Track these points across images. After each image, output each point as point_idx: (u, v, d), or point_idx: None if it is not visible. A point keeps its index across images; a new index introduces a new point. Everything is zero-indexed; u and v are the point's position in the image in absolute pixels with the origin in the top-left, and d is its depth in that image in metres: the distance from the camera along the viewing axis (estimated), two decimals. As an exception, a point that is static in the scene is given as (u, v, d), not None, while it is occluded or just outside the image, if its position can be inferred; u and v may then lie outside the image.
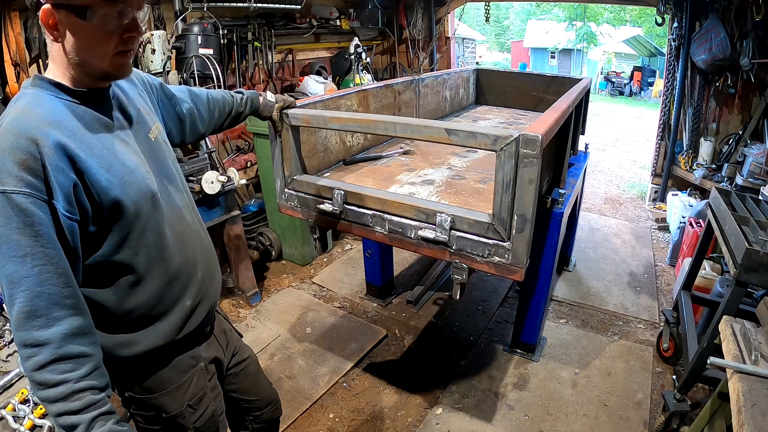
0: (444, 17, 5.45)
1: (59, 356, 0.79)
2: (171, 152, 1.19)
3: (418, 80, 2.96)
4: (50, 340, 0.79)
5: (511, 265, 1.51)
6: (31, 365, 0.79)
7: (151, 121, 1.13)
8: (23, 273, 0.78)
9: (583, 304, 3.22)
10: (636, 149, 8.07)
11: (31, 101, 0.86)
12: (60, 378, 0.79)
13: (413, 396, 2.43)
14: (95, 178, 0.87)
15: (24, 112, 0.83)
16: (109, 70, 0.92)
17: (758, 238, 1.84)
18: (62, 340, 0.80)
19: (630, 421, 2.24)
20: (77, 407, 0.80)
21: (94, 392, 0.82)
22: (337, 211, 1.80)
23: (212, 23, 3.21)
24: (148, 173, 1.02)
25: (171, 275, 1.06)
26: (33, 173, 0.79)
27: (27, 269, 0.78)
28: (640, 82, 16.41)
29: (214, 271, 1.25)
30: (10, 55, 2.42)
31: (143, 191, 0.97)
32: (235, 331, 1.46)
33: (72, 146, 0.84)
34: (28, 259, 0.78)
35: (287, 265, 3.78)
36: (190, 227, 1.16)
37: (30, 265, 0.78)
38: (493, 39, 29.99)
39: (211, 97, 1.44)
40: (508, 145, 1.37)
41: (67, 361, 0.80)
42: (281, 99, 1.71)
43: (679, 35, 4.18)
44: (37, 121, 0.82)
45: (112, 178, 0.90)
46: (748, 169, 3.59)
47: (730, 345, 1.44)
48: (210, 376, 1.23)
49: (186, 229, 1.13)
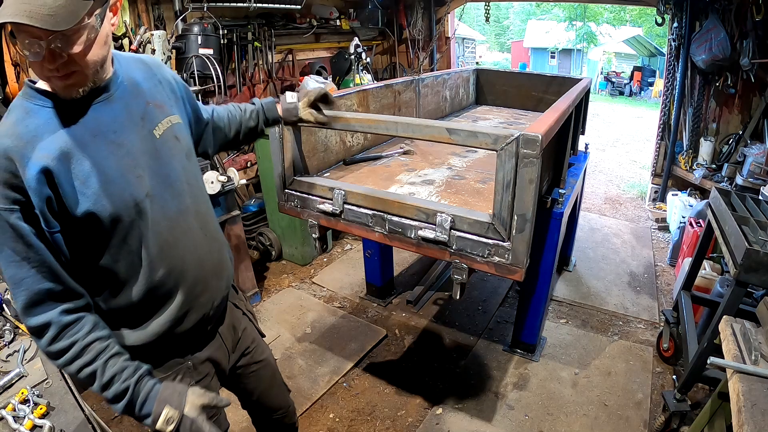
0: (444, 17, 5.45)
1: (62, 327, 0.93)
2: (182, 149, 1.12)
3: (418, 80, 2.96)
4: (51, 320, 0.92)
5: (511, 265, 1.51)
6: (45, 343, 0.93)
7: (162, 115, 1.08)
8: (22, 275, 0.90)
9: (583, 304, 3.22)
10: (636, 149, 8.07)
11: (17, 117, 0.90)
12: (69, 341, 0.93)
13: (413, 396, 2.43)
14: (68, 194, 0.90)
15: (7, 130, 0.88)
16: (54, 89, 0.90)
17: (758, 238, 1.84)
18: (60, 316, 0.93)
19: (630, 421, 2.24)
20: (91, 358, 0.94)
21: (100, 342, 0.96)
22: (337, 211, 1.80)
23: (212, 23, 3.21)
24: (138, 178, 0.99)
25: (153, 283, 1.04)
26: (15, 190, 0.86)
27: (25, 271, 0.90)
28: (640, 82, 16.42)
29: (221, 273, 1.21)
30: (10, 55, 2.42)
31: (125, 201, 0.96)
32: (256, 329, 1.42)
33: (49, 164, 0.87)
34: (24, 263, 0.89)
35: (287, 265, 3.78)
36: (188, 233, 1.10)
37: (27, 267, 0.89)
38: (493, 39, 30.00)
39: (216, 114, 1.38)
40: (508, 144, 1.37)
41: (70, 328, 0.94)
42: (305, 94, 1.49)
43: (679, 35, 4.18)
44: (17, 140, 0.86)
45: (87, 191, 0.92)
46: (748, 169, 3.59)
47: (730, 345, 1.44)
48: (200, 377, 1.18)
49: (181, 236, 1.08)
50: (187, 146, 1.16)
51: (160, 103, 1.09)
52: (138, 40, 2.81)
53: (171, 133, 1.09)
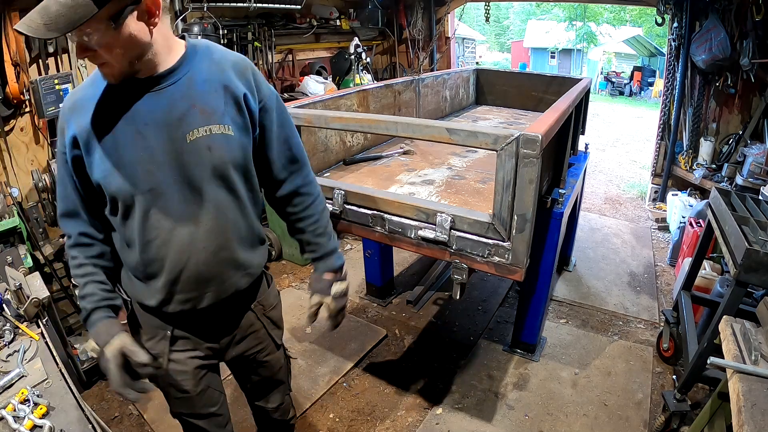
0: (444, 17, 5.45)
1: (76, 243, 1.16)
2: (210, 160, 1.07)
3: (418, 80, 2.96)
4: (71, 233, 1.16)
5: (511, 265, 1.51)
6: (66, 245, 1.19)
7: (205, 121, 1.05)
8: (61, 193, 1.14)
9: (583, 304, 3.22)
10: (636, 149, 8.07)
11: (88, 81, 1.09)
12: (75, 254, 1.16)
13: (413, 396, 2.43)
14: (89, 161, 1.06)
15: (77, 90, 1.10)
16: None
17: (758, 238, 1.84)
18: (78, 235, 1.15)
19: (630, 421, 2.24)
20: (81, 273, 1.16)
21: (93, 267, 1.16)
22: (337, 211, 1.80)
23: (212, 23, 3.21)
24: (147, 172, 1.03)
25: (144, 261, 1.13)
26: (60, 130, 1.09)
27: (61, 191, 1.14)
28: (640, 82, 16.42)
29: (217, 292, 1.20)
30: (10, 55, 2.42)
31: (125, 187, 1.05)
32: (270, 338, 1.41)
33: (80, 133, 1.04)
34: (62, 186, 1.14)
35: (287, 265, 3.78)
36: (188, 243, 1.10)
37: (63, 190, 1.13)
38: (493, 39, 29.99)
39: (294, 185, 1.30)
40: (508, 144, 1.37)
41: (81, 247, 1.16)
42: (329, 293, 1.42)
43: (679, 35, 4.18)
44: (72, 104, 1.07)
45: (102, 165, 1.05)
46: (748, 169, 3.59)
47: (730, 345, 1.44)
48: (178, 348, 1.24)
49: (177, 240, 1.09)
50: (219, 159, 1.08)
51: (209, 109, 1.06)
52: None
53: (205, 142, 1.06)
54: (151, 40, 0.98)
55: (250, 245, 1.25)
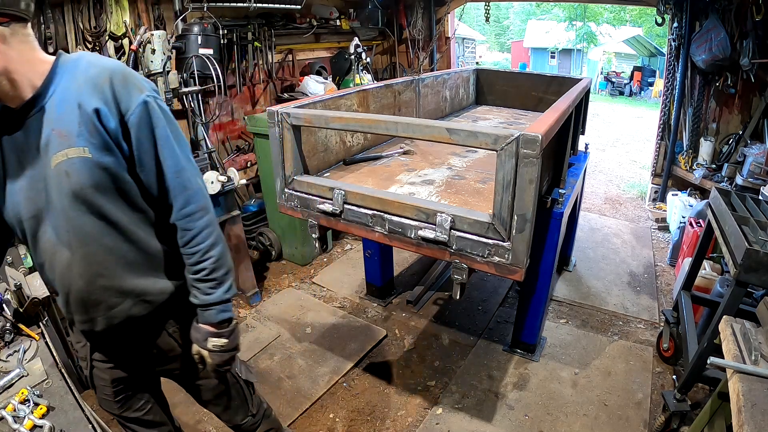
0: (444, 17, 5.45)
1: None
2: (69, 185, 1.01)
3: (418, 80, 2.96)
4: None
5: (511, 265, 1.51)
6: None
7: (61, 146, 0.99)
8: None
9: (583, 304, 3.22)
10: (636, 149, 8.07)
11: None
12: None
13: (413, 396, 2.43)
14: None
15: None
16: None
17: (758, 238, 1.84)
18: None
19: (630, 421, 2.24)
20: None
21: None
22: (337, 211, 1.80)
23: (212, 23, 3.21)
24: (28, 199, 1.07)
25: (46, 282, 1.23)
26: None
27: None
28: (640, 82, 16.42)
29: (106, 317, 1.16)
30: None
31: (14, 215, 1.10)
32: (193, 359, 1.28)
33: None
34: None
35: (287, 265, 3.78)
36: (65, 269, 1.10)
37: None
38: (493, 39, 29.98)
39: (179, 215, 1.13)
40: (508, 144, 1.37)
41: None
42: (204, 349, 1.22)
43: (679, 35, 4.18)
44: None
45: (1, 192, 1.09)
46: (748, 169, 3.59)
47: (730, 345, 1.44)
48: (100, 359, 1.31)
49: (57, 264, 1.11)
50: (77, 185, 1.01)
51: (65, 132, 1.00)
52: (138, 40, 2.81)
53: (64, 167, 1.00)
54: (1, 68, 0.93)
55: (146, 271, 1.16)
